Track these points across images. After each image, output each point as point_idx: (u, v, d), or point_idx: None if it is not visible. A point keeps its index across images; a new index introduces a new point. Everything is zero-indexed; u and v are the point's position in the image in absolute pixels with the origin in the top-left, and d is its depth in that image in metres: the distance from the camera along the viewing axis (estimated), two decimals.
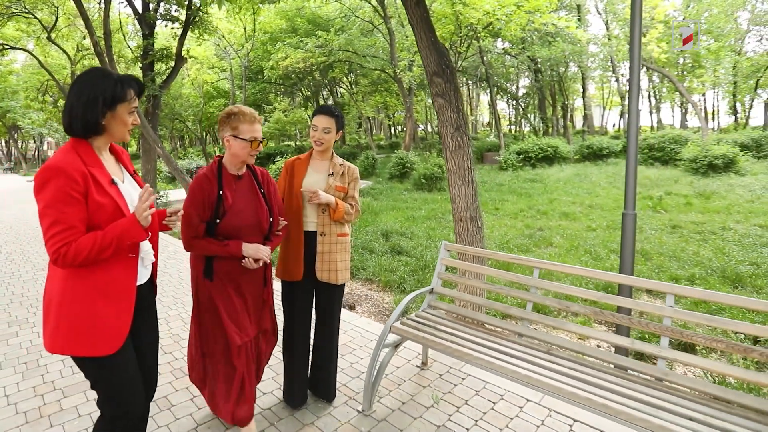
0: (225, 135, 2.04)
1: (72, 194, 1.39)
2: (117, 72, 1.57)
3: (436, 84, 3.77)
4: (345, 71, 24.41)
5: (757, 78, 26.05)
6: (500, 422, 2.40)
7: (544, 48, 21.32)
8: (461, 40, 17.55)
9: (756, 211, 7.96)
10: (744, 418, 1.69)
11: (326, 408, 2.56)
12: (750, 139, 14.92)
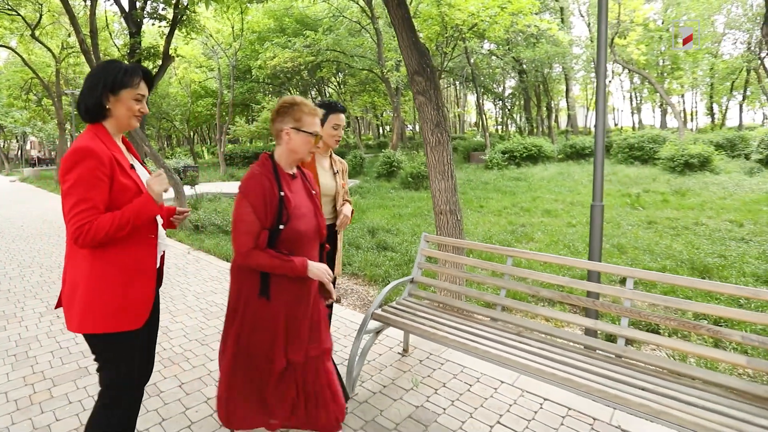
0: (284, 127, 1.78)
1: (99, 176, 1.45)
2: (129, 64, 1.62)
3: (417, 82, 3.87)
4: (333, 71, 24.47)
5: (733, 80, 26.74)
6: (475, 402, 2.52)
7: (529, 49, 21.64)
8: (447, 41, 17.72)
9: (727, 207, 8.24)
10: (690, 387, 1.84)
11: None
12: (725, 139, 15.38)
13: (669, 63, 28.39)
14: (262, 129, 24.39)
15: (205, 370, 2.92)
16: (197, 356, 3.12)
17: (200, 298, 4.34)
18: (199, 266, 5.53)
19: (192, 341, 3.37)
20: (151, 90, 1.69)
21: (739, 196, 9.33)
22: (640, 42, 21.34)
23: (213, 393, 2.63)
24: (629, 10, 19.98)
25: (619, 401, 1.79)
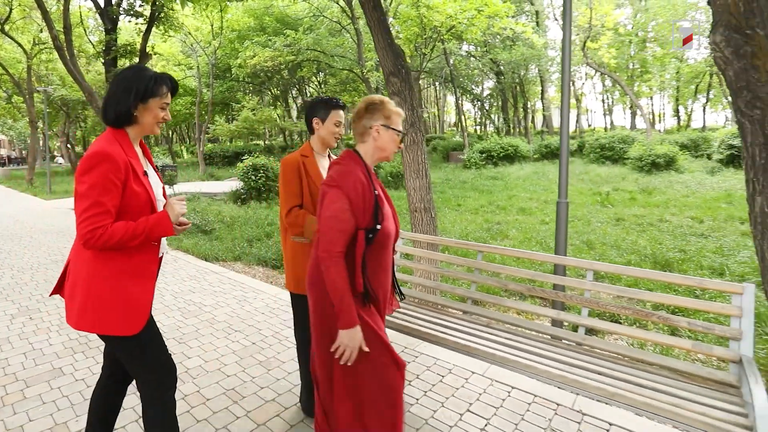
0: (375, 124, 1.69)
1: (114, 181, 1.47)
2: (153, 70, 1.64)
3: (393, 83, 3.94)
4: (313, 70, 24.33)
5: (697, 83, 27.71)
6: (447, 392, 2.60)
7: (505, 51, 21.98)
8: (426, 42, 17.84)
9: (690, 204, 8.59)
10: (645, 371, 1.95)
11: (287, 386, 2.68)
12: (689, 140, 15.96)
13: (638, 66, 29.26)
14: (242, 128, 24.10)
15: (182, 368, 2.91)
16: (174, 354, 3.10)
17: (178, 297, 4.30)
18: (177, 266, 5.46)
19: (169, 340, 3.35)
20: (173, 96, 1.70)
21: (701, 194, 9.72)
22: (611, 46, 21.95)
23: (190, 390, 2.64)
24: (600, 14, 20.52)
25: (578, 386, 1.89)
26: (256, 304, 4.09)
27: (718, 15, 2.44)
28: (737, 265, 4.72)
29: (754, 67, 2.31)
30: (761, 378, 1.70)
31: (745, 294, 1.89)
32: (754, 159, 2.40)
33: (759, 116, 2.34)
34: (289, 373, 2.82)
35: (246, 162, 10.68)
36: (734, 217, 7.21)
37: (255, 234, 6.90)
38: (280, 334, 3.42)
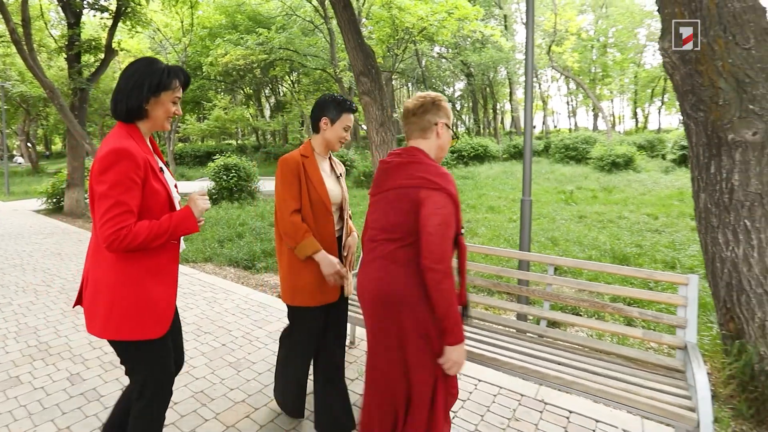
0: (440, 121, 1.60)
1: (134, 179, 1.39)
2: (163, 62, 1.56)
3: (363, 83, 3.93)
4: (286, 70, 23.97)
5: (653, 87, 28.95)
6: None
7: (475, 54, 22.32)
8: (398, 43, 17.91)
9: (646, 202, 8.98)
10: (601, 360, 2.03)
11: (257, 386, 2.64)
12: (646, 141, 16.67)
13: (600, 70, 30.33)
14: (213, 127, 23.53)
15: None
16: None
17: None
18: None
19: None
20: (185, 91, 1.63)
21: (656, 192, 10.18)
22: (575, 50, 22.63)
23: None
24: (565, 20, 21.14)
25: (539, 376, 1.94)
26: (227, 305, 4.01)
27: (666, 22, 2.56)
28: (687, 259, 4.96)
29: (698, 72, 2.43)
30: (703, 362, 1.80)
31: (689, 285, 2.00)
32: (698, 158, 2.54)
33: (702, 118, 2.47)
34: (260, 374, 2.78)
35: (217, 161, 10.43)
36: (685, 213, 7.58)
37: (226, 234, 6.75)
38: (250, 335, 3.37)
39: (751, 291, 2.37)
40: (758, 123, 2.32)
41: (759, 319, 2.35)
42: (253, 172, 10.71)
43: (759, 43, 2.35)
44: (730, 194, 2.40)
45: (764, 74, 2.35)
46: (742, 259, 2.39)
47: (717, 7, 2.35)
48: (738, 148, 2.36)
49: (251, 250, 5.82)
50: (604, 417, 2.30)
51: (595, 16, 29.75)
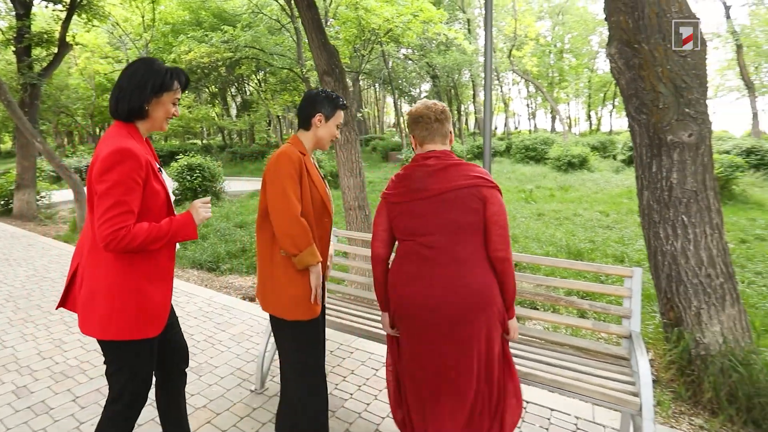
0: (451, 129, 1.74)
1: (136, 179, 1.38)
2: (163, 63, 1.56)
3: (327, 83, 3.88)
4: (253, 68, 23.38)
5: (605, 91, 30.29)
6: (380, 385, 2.62)
7: (440, 56, 22.58)
8: (364, 44, 17.86)
9: (599, 200, 9.38)
10: (556, 351, 2.10)
11: (220, 391, 2.55)
12: (598, 142, 17.42)
13: (557, 75, 31.45)
14: (177, 127, 22.67)
15: (104, 381, 2.66)
16: (96, 367, 2.84)
17: None
18: None
19: (90, 352, 3.06)
20: (185, 89, 1.61)
21: (608, 190, 10.65)
22: (534, 55, 23.34)
23: None
24: (524, 25, 21.76)
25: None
26: (189, 308, 3.86)
27: (612, 30, 2.67)
28: (635, 252, 5.22)
29: (641, 77, 2.55)
30: (646, 350, 1.89)
31: (634, 277, 2.09)
32: (641, 158, 2.66)
33: (645, 120, 2.59)
34: (222, 378, 2.70)
35: (180, 161, 10.05)
36: (633, 210, 7.98)
37: None
38: (213, 339, 3.26)
39: (688, 282, 2.51)
40: (693, 125, 2.46)
41: (695, 308, 2.50)
42: (218, 173, 10.40)
43: (693, 51, 2.49)
44: (669, 192, 2.53)
45: (698, 80, 2.49)
46: (680, 252, 2.53)
47: (657, 16, 2.47)
48: (676, 149, 2.49)
49: (215, 251, 5.64)
50: (558, 405, 2.38)
51: (552, 23, 30.79)
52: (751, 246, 5.83)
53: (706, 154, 2.50)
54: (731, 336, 2.45)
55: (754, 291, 4.24)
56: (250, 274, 5.05)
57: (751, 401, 2.29)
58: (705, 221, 2.49)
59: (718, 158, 9.30)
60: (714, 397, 2.36)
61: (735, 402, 2.31)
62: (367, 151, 22.70)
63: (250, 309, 3.84)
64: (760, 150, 12.69)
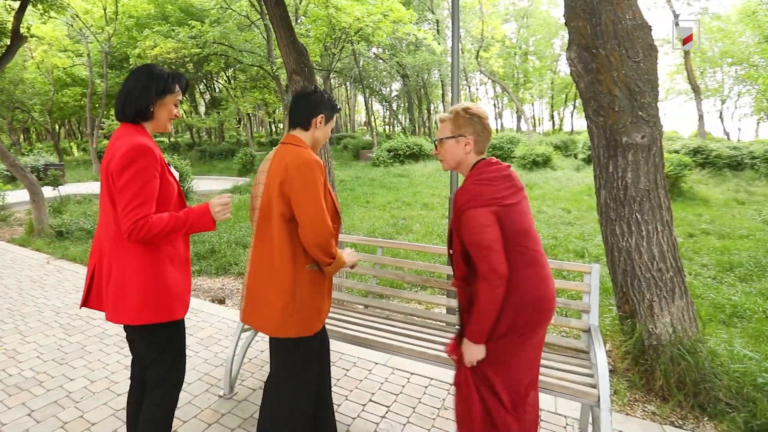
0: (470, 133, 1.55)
1: (153, 172, 1.47)
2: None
3: (295, 81, 3.79)
4: (222, 65, 22.69)
5: (566, 93, 31.26)
6: (351, 385, 2.59)
7: (410, 56, 22.66)
8: (335, 42, 17.68)
9: (561, 197, 9.67)
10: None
11: (187, 397, 2.46)
12: (561, 141, 17.95)
13: (522, 76, 32.20)
14: None
15: (63, 392, 2.51)
16: (53, 378, 2.67)
17: (61, 312, 3.71)
18: (60, 277, 4.73)
19: (48, 362, 2.88)
20: (185, 92, 1.70)
21: (569, 188, 11.00)
22: (500, 56, 23.78)
23: (71, 416, 2.29)
24: (491, 27, 22.12)
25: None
26: None
27: (572, 35, 2.73)
28: (594, 248, 5.41)
29: (599, 81, 2.62)
30: (604, 342, 1.95)
31: (592, 273, 2.15)
32: (599, 158, 2.74)
33: (602, 122, 2.67)
34: (189, 384, 2.60)
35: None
36: (593, 207, 8.27)
37: None
38: None
39: (642, 276, 2.62)
40: (645, 128, 2.56)
41: (648, 301, 2.61)
42: (186, 171, 10.04)
43: (646, 57, 2.58)
44: (624, 191, 2.63)
45: (650, 85, 2.59)
46: (634, 248, 2.63)
47: (612, 23, 2.55)
48: (630, 150, 2.59)
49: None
50: None
51: (518, 26, 31.50)
52: (698, 240, 6.17)
53: (658, 155, 2.61)
54: (680, 326, 2.57)
55: (700, 282, 4.49)
56: (219, 276, 4.89)
57: (698, 387, 2.41)
58: (657, 218, 2.60)
59: (668, 157, 9.79)
60: (665, 384, 2.47)
61: (683, 388, 2.43)
62: (339, 150, 22.51)
63: (218, 312, 3.72)
64: (705, 150, 13.45)
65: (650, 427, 2.25)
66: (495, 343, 1.48)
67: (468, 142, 1.53)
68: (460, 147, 1.54)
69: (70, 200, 9.34)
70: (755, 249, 5.66)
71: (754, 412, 2.27)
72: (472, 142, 1.54)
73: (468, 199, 1.45)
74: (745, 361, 2.65)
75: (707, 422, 2.32)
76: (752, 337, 3.29)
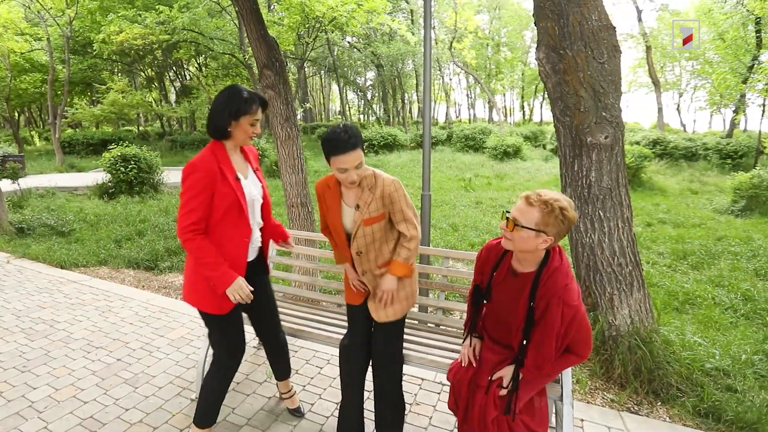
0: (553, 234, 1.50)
1: (201, 187, 1.68)
2: (248, 89, 1.76)
3: (266, 76, 3.66)
4: (192, 53, 21.75)
5: (536, 84, 31.71)
6: (324, 383, 2.58)
7: (384, 46, 22.37)
8: (309, 31, 17.22)
9: (531, 187, 9.86)
10: None
11: (157, 402, 2.38)
12: (531, 132, 18.28)
13: (494, 67, 32.40)
14: (109, 113, 20.66)
15: (26, 402, 2.38)
16: (14, 387, 2.53)
17: (22, 316, 3.51)
18: (22, 277, 4.47)
19: (8, 370, 2.72)
20: (264, 110, 1.83)
21: (539, 178, 11.25)
22: (473, 47, 23.81)
23: (34, 427, 2.17)
24: (464, 18, 22.07)
25: (435, 365, 2.01)
26: (123, 313, 3.56)
27: (541, 35, 2.73)
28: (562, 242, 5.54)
29: (566, 82, 2.64)
30: None
31: None
32: (565, 157, 2.78)
33: (569, 122, 2.70)
34: (160, 388, 2.52)
35: (113, 152, 9.15)
36: None
37: (125, 233, 6.00)
38: (150, 345, 3.03)
39: (603, 270, 2.70)
40: (609, 128, 2.61)
41: (608, 294, 2.70)
42: (156, 163, 9.62)
43: (610, 58, 2.62)
44: (588, 189, 2.68)
45: (614, 86, 2.63)
46: (597, 244, 2.70)
47: (579, 24, 2.56)
48: (594, 149, 2.63)
49: (154, 249, 5.24)
50: None
51: (490, 17, 31.54)
52: (655, 229, 6.44)
53: (620, 154, 2.67)
54: (637, 318, 2.67)
55: (656, 271, 4.69)
56: None
57: (652, 374, 2.53)
58: (618, 215, 2.67)
59: (629, 149, 10.11)
60: (623, 373, 2.57)
61: (639, 376, 2.54)
62: (314, 140, 22.13)
63: (190, 311, 3.61)
64: (663, 141, 14.00)
65: (609, 414, 2.35)
66: None
67: (547, 241, 1.46)
68: (537, 241, 1.45)
69: (31, 194, 8.82)
70: (706, 237, 5.96)
71: (701, 396, 2.40)
72: (550, 242, 1.46)
73: (578, 296, 1.47)
74: (694, 348, 2.80)
75: (660, 407, 2.44)
76: (701, 323, 3.48)
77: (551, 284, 1.46)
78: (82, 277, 4.48)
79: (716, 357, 2.74)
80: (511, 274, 1.60)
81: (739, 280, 4.37)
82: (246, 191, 1.80)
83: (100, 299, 3.86)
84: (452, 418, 2.28)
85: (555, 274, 1.48)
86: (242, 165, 1.86)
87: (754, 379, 2.62)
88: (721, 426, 2.28)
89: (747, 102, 14.14)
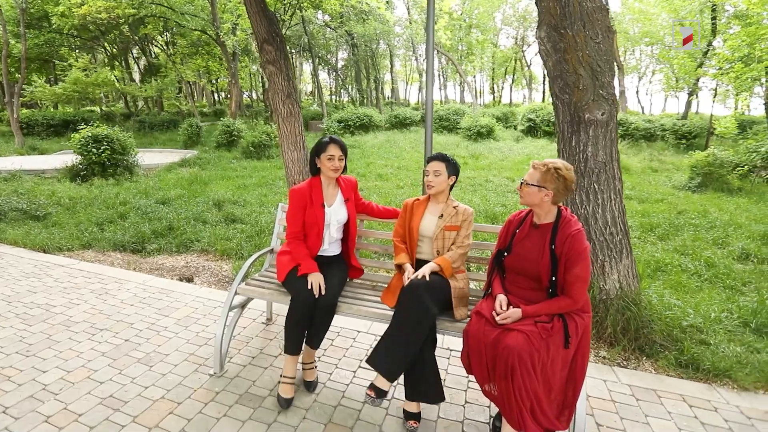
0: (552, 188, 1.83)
1: (295, 207, 2.32)
2: (330, 136, 2.35)
3: (267, 51, 3.52)
4: (160, 29, 20.41)
5: (506, 66, 31.92)
6: (338, 353, 2.62)
7: (359, 25, 21.78)
8: (285, 8, 16.51)
9: (505, 167, 10.07)
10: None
11: (176, 379, 2.35)
12: (502, 113, 18.48)
13: (465, 48, 32.28)
14: (70, 92, 19.22)
15: (38, 385, 2.29)
16: (22, 371, 2.42)
17: (13, 301, 3.32)
18: (3, 262, 4.20)
19: (11, 355, 2.59)
20: (343, 150, 2.35)
21: (511, 158, 11.48)
22: (446, 28, 23.59)
23: (53, 409, 2.10)
24: None
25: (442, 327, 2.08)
26: (121, 295, 3.43)
27: (542, 15, 2.75)
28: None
29: (565, 60, 2.69)
30: None
31: None
32: (563, 133, 2.86)
33: (567, 100, 2.76)
34: (176, 366, 2.48)
35: (83, 132, 8.59)
36: None
37: (106, 216, 5.70)
38: (157, 325, 2.95)
39: (596, 239, 2.84)
40: (605, 105, 2.69)
41: (600, 261, 2.85)
42: (130, 144, 9.12)
43: (605, 38, 2.68)
44: (585, 163, 2.78)
45: (608, 65, 2.71)
46: (591, 214, 2.83)
47: (579, 4, 2.60)
48: (591, 126, 2.72)
49: (139, 231, 5.03)
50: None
51: None
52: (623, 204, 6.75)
53: (614, 130, 2.77)
54: (625, 282, 2.84)
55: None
56: (181, 253, 4.59)
57: (638, 332, 2.72)
58: (611, 188, 2.80)
59: None
60: (612, 332, 2.76)
61: (627, 334, 2.73)
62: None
63: (191, 290, 3.54)
64: (625, 123, 14.54)
65: (603, 369, 2.52)
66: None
67: (548, 194, 1.82)
68: (540, 195, 1.83)
69: None
70: (668, 211, 6.33)
71: (681, 350, 2.61)
72: (551, 195, 1.82)
73: (586, 240, 1.82)
74: (672, 308, 3.02)
75: (646, 361, 2.64)
76: (673, 288, 3.73)
77: (566, 228, 1.83)
78: (69, 261, 4.26)
79: (691, 316, 2.97)
80: (533, 227, 1.93)
81: (701, 249, 4.69)
82: (327, 217, 2.33)
83: (94, 282, 3.70)
84: (463, 378, 2.38)
85: (569, 222, 1.85)
86: (331, 195, 2.39)
87: (724, 333, 2.86)
88: (700, 375, 2.50)
89: (700, 86, 14.84)
